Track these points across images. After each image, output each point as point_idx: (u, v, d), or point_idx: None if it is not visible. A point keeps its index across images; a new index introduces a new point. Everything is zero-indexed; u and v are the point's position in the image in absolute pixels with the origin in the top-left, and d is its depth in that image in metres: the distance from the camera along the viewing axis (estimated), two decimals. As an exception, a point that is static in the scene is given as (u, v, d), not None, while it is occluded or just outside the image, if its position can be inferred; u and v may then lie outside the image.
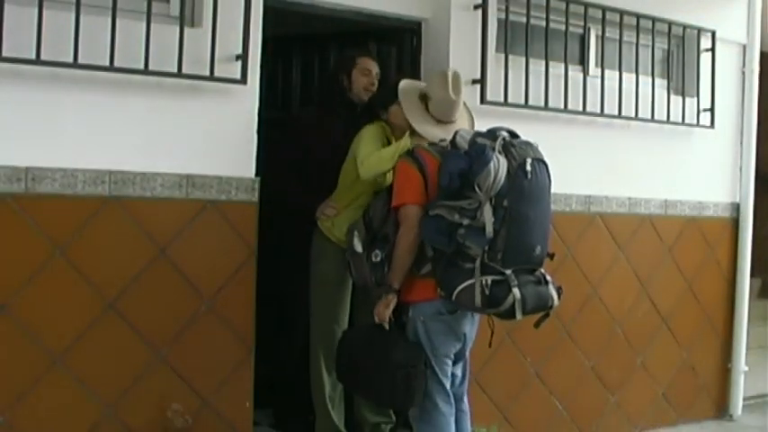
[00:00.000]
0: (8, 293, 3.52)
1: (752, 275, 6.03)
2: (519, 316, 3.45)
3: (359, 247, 3.67)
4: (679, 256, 5.60)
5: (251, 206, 4.04)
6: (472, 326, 3.71)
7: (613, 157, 5.23)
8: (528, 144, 3.55)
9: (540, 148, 3.57)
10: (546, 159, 3.55)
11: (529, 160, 3.46)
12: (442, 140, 3.68)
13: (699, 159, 5.69)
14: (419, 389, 3.56)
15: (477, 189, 3.37)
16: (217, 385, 3.97)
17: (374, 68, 4.42)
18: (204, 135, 3.93)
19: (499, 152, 3.42)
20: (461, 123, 3.86)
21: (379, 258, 3.59)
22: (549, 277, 3.58)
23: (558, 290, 3.60)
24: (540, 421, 5.03)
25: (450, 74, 3.81)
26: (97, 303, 3.69)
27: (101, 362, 3.71)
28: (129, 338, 3.75)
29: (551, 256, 3.63)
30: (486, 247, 3.40)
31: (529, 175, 3.44)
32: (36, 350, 3.57)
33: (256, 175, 4.06)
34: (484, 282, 3.40)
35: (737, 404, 5.91)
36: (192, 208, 3.90)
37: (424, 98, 3.83)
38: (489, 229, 3.39)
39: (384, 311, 3.57)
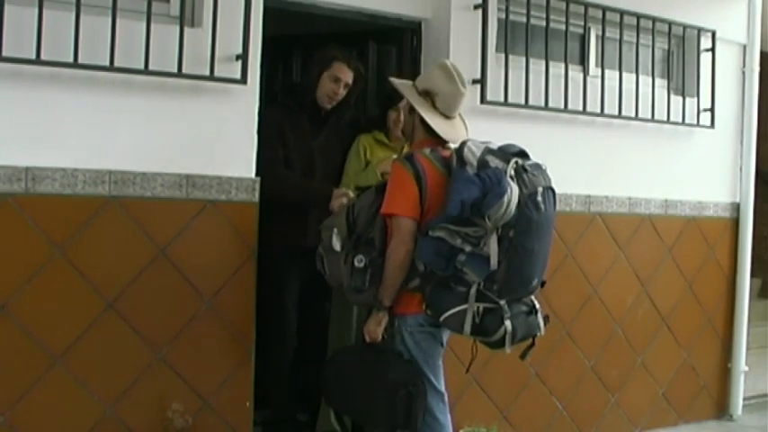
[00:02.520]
0: (8, 293, 3.52)
1: (752, 275, 6.03)
2: (508, 349, 3.33)
3: (337, 246, 3.53)
4: (679, 256, 5.60)
5: (251, 206, 4.04)
6: (446, 335, 3.59)
7: (613, 157, 5.23)
8: (539, 168, 3.38)
9: (548, 172, 3.43)
10: (553, 185, 3.42)
11: (540, 190, 3.30)
12: (446, 147, 3.52)
13: (699, 159, 5.70)
14: (420, 410, 3.40)
15: (486, 219, 3.19)
16: (217, 385, 3.97)
17: (346, 78, 4.32)
18: (204, 135, 3.93)
19: (511, 178, 3.23)
20: (459, 120, 3.67)
21: (362, 264, 3.41)
22: (537, 305, 3.46)
23: (545, 318, 3.48)
24: (540, 421, 5.03)
25: (451, 66, 3.58)
26: (97, 303, 3.69)
27: (101, 362, 3.71)
28: (129, 338, 3.75)
29: (542, 284, 3.48)
30: (483, 277, 3.26)
31: (540, 207, 3.28)
32: (36, 350, 3.57)
33: (256, 175, 4.06)
34: (476, 309, 3.26)
35: (737, 404, 5.91)
36: (192, 208, 3.90)
37: (425, 95, 3.55)
38: (494, 261, 3.23)
39: (376, 329, 3.43)
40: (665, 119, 5.44)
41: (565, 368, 5.07)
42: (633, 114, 5.26)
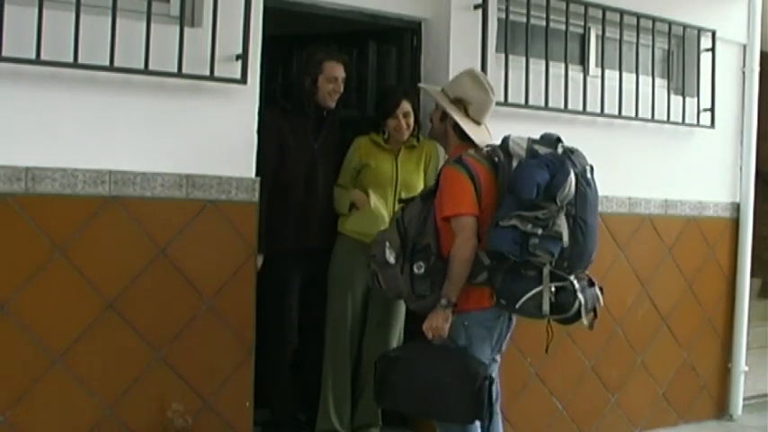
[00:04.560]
0: (8, 293, 3.52)
1: (752, 275, 6.03)
2: (585, 320, 3.52)
3: (392, 259, 3.60)
4: (679, 256, 5.60)
5: (251, 206, 4.04)
6: (508, 327, 3.69)
7: (613, 157, 5.22)
8: (578, 151, 3.59)
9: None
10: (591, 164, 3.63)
11: (588, 168, 3.55)
12: (487, 147, 3.66)
13: (699, 159, 5.69)
14: (493, 398, 3.54)
15: (555, 200, 3.40)
16: (217, 385, 3.97)
17: (341, 74, 4.38)
18: (204, 135, 3.93)
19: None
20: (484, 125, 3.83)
21: (422, 270, 3.52)
22: (593, 278, 3.63)
23: (600, 289, 3.64)
24: (540, 421, 5.03)
25: (479, 74, 3.81)
26: (97, 303, 3.69)
27: (101, 362, 3.71)
28: (129, 338, 3.76)
29: None
30: (556, 256, 3.42)
31: (590, 183, 3.54)
32: (36, 350, 3.57)
33: (256, 175, 4.06)
34: (551, 289, 3.43)
35: (737, 404, 5.91)
36: (192, 208, 3.90)
37: (458, 102, 3.72)
38: (566, 238, 3.43)
39: (444, 326, 3.50)
40: (665, 119, 5.43)
41: (565, 368, 5.07)
42: (633, 114, 5.26)
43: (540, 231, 3.40)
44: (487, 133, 3.77)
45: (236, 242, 4.01)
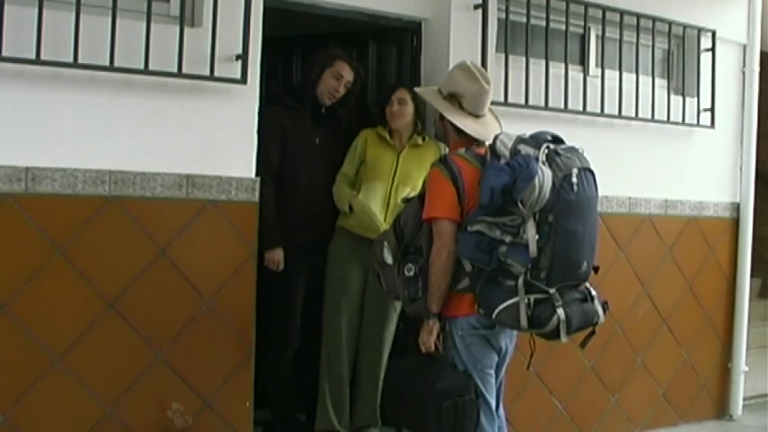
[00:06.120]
0: (8, 293, 3.52)
1: (752, 275, 6.03)
2: (564, 338, 3.25)
3: (389, 259, 3.48)
4: (679, 256, 5.60)
5: (251, 206, 4.04)
6: (511, 340, 3.52)
7: (613, 157, 5.22)
8: (573, 151, 3.32)
9: (585, 154, 3.37)
10: (592, 167, 3.36)
11: (575, 171, 3.24)
12: (479, 145, 3.51)
13: (699, 159, 5.70)
14: (469, 421, 3.33)
15: (520, 205, 3.15)
16: (217, 385, 3.97)
17: (347, 75, 4.39)
18: (204, 135, 3.93)
19: (543, 163, 3.19)
20: (490, 116, 3.68)
21: (412, 273, 3.37)
22: (594, 292, 3.38)
23: (604, 305, 3.40)
24: (540, 421, 5.03)
25: (471, 65, 3.62)
26: (97, 303, 3.69)
27: (101, 362, 3.71)
28: (129, 338, 3.76)
29: (596, 270, 3.40)
30: (530, 266, 3.20)
31: (575, 188, 3.22)
32: (36, 350, 3.57)
33: (256, 174, 4.06)
34: (526, 301, 3.20)
35: (737, 404, 5.91)
36: (192, 208, 3.90)
37: (451, 98, 3.57)
38: (533, 248, 3.18)
39: (429, 339, 3.36)
40: (665, 119, 5.43)
41: (565, 368, 5.07)
42: (633, 114, 5.26)
43: (508, 239, 3.21)
44: (493, 124, 3.62)
45: (237, 242, 4.01)
